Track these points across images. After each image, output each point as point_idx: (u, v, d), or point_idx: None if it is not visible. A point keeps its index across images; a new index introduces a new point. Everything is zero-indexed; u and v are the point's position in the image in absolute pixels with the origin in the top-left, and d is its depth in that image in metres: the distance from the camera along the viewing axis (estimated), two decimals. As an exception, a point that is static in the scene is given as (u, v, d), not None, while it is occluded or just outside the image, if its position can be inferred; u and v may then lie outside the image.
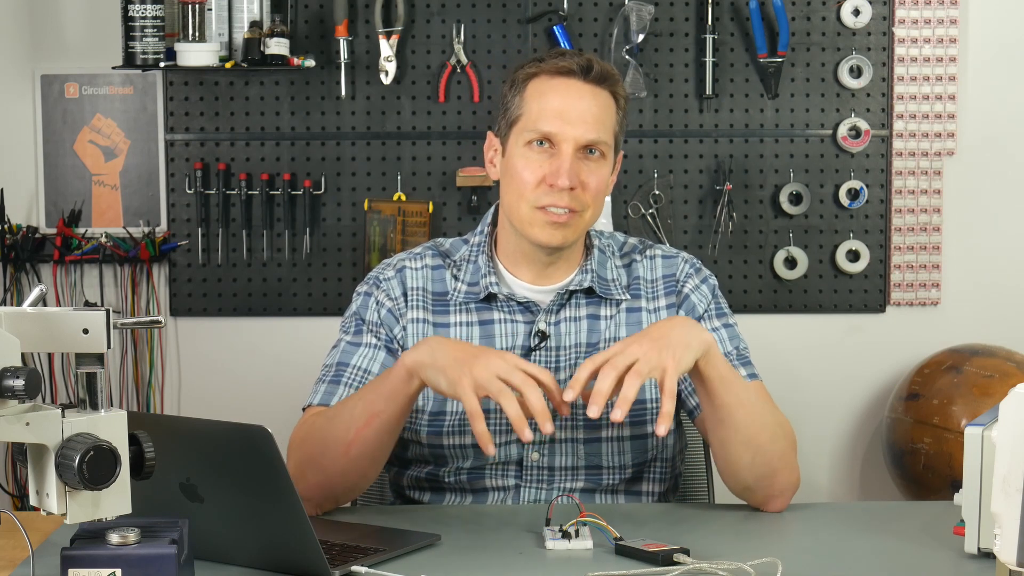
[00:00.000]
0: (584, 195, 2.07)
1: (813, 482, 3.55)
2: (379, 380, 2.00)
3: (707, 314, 2.18)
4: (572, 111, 2.06)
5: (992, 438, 1.50)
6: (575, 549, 1.82)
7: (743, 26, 3.46)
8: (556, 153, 2.06)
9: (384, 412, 1.97)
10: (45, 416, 1.45)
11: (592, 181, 2.07)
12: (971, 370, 3.29)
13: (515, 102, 2.11)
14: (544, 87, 2.08)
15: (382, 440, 2.00)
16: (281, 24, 3.34)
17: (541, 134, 2.06)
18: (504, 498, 2.13)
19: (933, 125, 3.50)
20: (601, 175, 2.09)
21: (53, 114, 3.48)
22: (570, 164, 2.05)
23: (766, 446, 2.01)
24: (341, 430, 1.98)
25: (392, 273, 2.19)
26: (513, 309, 2.15)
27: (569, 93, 2.07)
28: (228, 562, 1.74)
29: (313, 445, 2.01)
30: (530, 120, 2.08)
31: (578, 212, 2.07)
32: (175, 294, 3.50)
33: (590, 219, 2.11)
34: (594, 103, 2.07)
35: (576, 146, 2.06)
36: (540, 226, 2.08)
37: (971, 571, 1.74)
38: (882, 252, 3.52)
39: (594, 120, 2.06)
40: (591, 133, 2.06)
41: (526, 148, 2.08)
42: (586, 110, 2.06)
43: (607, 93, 2.09)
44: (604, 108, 2.09)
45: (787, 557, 1.71)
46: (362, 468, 2.01)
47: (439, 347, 1.92)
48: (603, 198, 2.12)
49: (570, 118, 2.05)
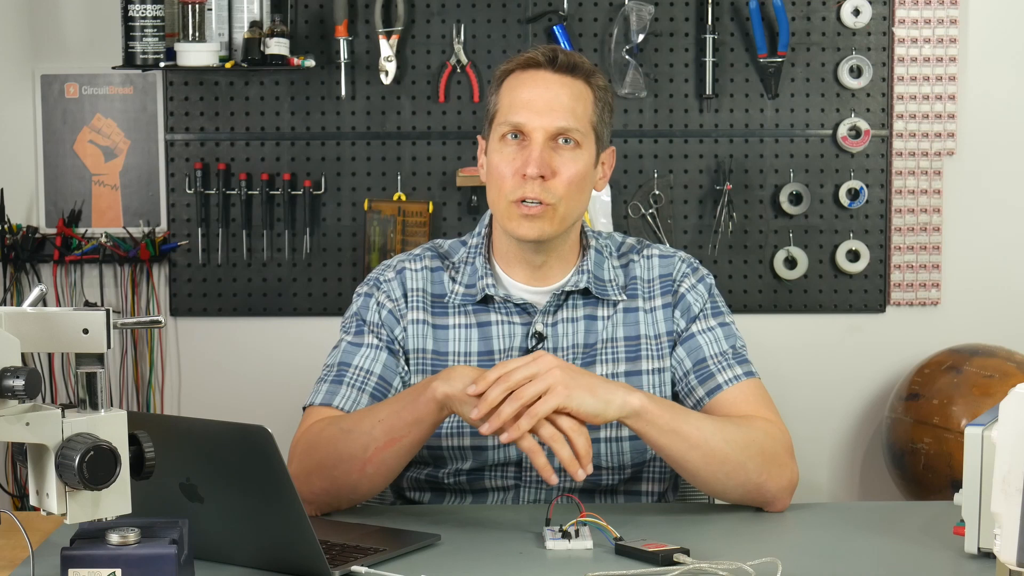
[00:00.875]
0: (556, 185, 2.06)
1: (813, 482, 3.55)
2: (403, 404, 1.98)
3: (703, 313, 2.18)
4: (539, 100, 2.07)
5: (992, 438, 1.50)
6: (575, 549, 1.82)
7: (743, 26, 3.46)
8: (527, 145, 2.07)
9: (407, 437, 1.97)
10: (45, 416, 1.45)
11: (565, 170, 2.06)
12: (971, 370, 3.29)
13: (492, 100, 2.13)
14: (515, 81, 2.10)
15: (400, 461, 2.00)
16: (281, 24, 3.34)
17: (512, 126, 2.07)
18: (504, 499, 2.13)
19: (933, 125, 3.50)
20: (576, 166, 2.08)
21: (53, 114, 3.48)
22: (539, 153, 2.05)
23: (736, 471, 2.00)
24: (358, 447, 1.98)
25: (392, 274, 2.19)
26: (510, 311, 2.15)
27: (537, 84, 2.08)
28: (228, 562, 1.74)
29: (324, 454, 2.00)
30: (502, 114, 2.10)
31: (552, 205, 2.06)
32: (175, 294, 3.50)
33: (567, 211, 2.09)
34: (563, 92, 2.08)
35: (546, 135, 2.06)
36: (517, 220, 2.08)
37: (971, 571, 1.74)
38: (882, 252, 3.52)
39: (563, 108, 2.07)
40: (559, 121, 2.06)
41: (501, 143, 2.09)
42: (554, 99, 2.07)
43: (581, 83, 2.09)
44: (576, 97, 2.08)
45: (787, 557, 1.71)
46: (375, 484, 2.01)
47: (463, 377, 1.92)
48: (582, 190, 2.10)
49: (537, 107, 2.06)
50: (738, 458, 2.00)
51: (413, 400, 1.96)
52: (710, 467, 1.99)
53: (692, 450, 1.97)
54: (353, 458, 1.97)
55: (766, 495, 2.03)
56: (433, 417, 1.95)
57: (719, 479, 2.00)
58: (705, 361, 2.14)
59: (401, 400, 2.00)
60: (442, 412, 1.94)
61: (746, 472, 2.00)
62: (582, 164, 2.09)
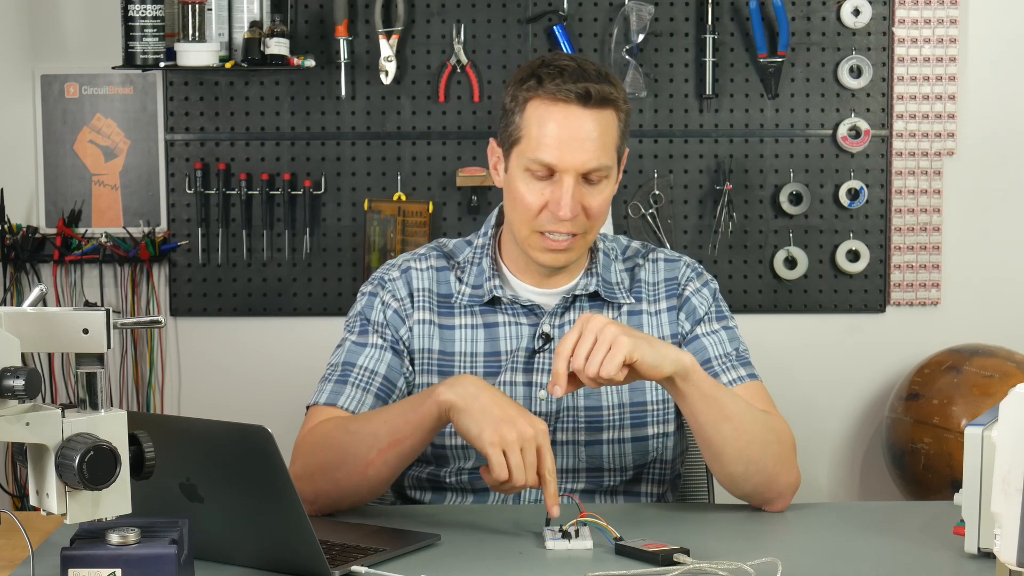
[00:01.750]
0: (586, 220, 2.07)
1: (813, 482, 3.55)
2: (407, 407, 1.98)
3: (707, 316, 2.19)
4: (572, 140, 2.02)
5: (992, 438, 1.50)
6: (575, 549, 1.82)
7: (743, 26, 3.46)
8: (557, 181, 2.04)
9: (408, 440, 1.96)
10: (45, 416, 1.45)
11: (594, 204, 2.07)
12: (971, 370, 3.29)
13: (515, 121, 2.07)
14: (543, 113, 2.04)
15: (402, 464, 2.00)
16: (281, 24, 3.34)
17: (542, 164, 2.04)
18: (505, 498, 2.13)
19: (933, 125, 3.50)
20: (604, 196, 2.08)
21: (53, 114, 3.48)
22: (571, 194, 2.03)
23: (758, 455, 2.00)
24: (362, 449, 1.97)
25: (397, 274, 2.19)
26: (517, 312, 2.15)
27: (569, 122, 2.02)
28: (228, 562, 1.74)
29: (328, 455, 2.00)
30: (530, 147, 2.04)
31: (580, 235, 2.08)
32: (175, 294, 3.50)
33: (593, 237, 2.12)
34: (595, 128, 2.03)
35: (577, 176, 2.04)
36: (540, 251, 2.08)
37: (971, 571, 1.74)
38: (882, 252, 3.52)
39: (594, 147, 2.03)
40: (592, 162, 2.03)
41: (527, 174, 2.05)
42: (586, 138, 2.02)
43: (609, 112, 2.05)
44: (605, 130, 2.04)
45: (787, 557, 1.71)
46: (376, 486, 2.01)
47: (477, 395, 1.90)
48: (606, 213, 2.11)
49: (570, 148, 2.02)
50: (764, 439, 2.00)
51: (419, 404, 1.96)
52: (738, 443, 1.98)
53: (726, 421, 1.97)
54: (357, 459, 1.97)
55: (774, 490, 2.03)
56: (432, 423, 1.94)
57: (741, 459, 1.99)
58: (710, 362, 2.14)
59: (408, 404, 2.00)
60: (441, 420, 1.94)
61: (766, 459, 2.00)
62: (608, 191, 2.09)
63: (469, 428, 1.88)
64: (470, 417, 1.88)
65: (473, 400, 1.89)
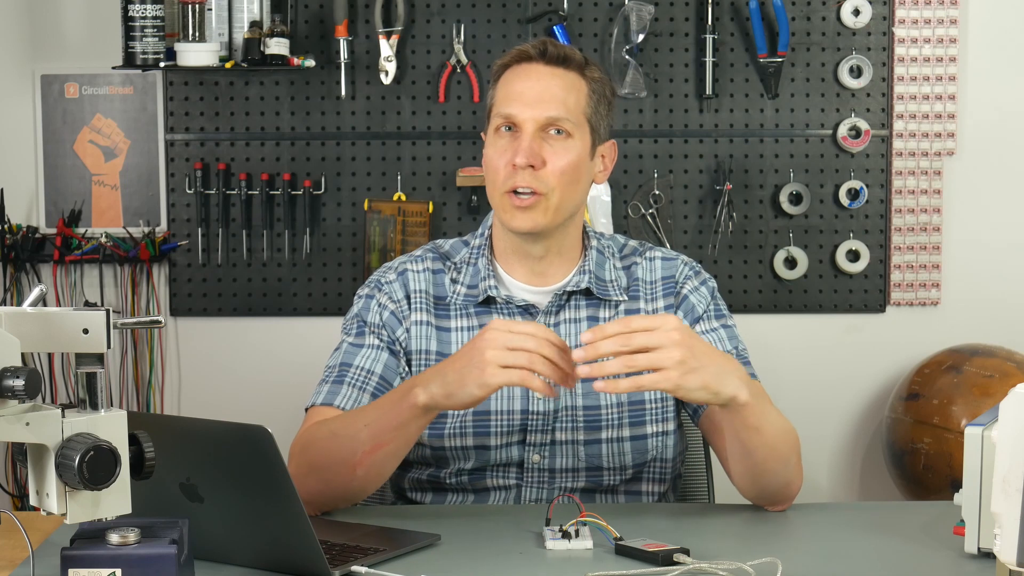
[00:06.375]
0: (547, 175, 2.06)
1: (813, 482, 3.55)
2: (387, 409, 1.97)
3: (706, 315, 2.18)
4: (530, 92, 2.08)
5: (992, 438, 1.50)
6: (575, 549, 1.82)
7: (743, 26, 3.46)
8: (519, 135, 2.08)
9: (392, 443, 1.96)
10: (45, 416, 1.45)
11: (556, 160, 2.07)
12: (971, 370, 3.29)
13: (489, 95, 2.16)
14: (509, 75, 2.12)
15: (388, 464, 2.00)
16: (281, 24, 3.34)
17: (504, 118, 2.09)
18: (505, 498, 2.13)
19: (933, 125, 3.50)
20: (568, 156, 2.08)
21: (53, 114, 3.48)
22: (528, 142, 2.06)
23: (781, 468, 2.00)
24: (347, 451, 1.97)
25: (394, 276, 2.19)
26: (512, 312, 2.15)
27: (529, 76, 2.10)
28: (228, 562, 1.74)
29: (315, 456, 2.00)
30: (496, 107, 2.12)
31: (544, 194, 2.07)
32: (175, 294, 3.50)
33: (561, 201, 2.08)
34: (554, 83, 2.09)
35: (536, 125, 2.07)
36: (510, 211, 2.09)
37: (971, 571, 1.74)
38: (882, 252, 3.52)
39: (553, 99, 2.08)
40: (549, 111, 2.07)
41: (495, 135, 2.11)
42: (544, 90, 2.08)
43: (573, 74, 2.10)
44: (567, 88, 2.09)
45: (787, 557, 1.71)
46: (366, 486, 2.01)
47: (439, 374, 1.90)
48: (576, 181, 2.10)
49: (528, 99, 2.08)
50: (787, 455, 2.00)
51: (395, 405, 1.95)
52: (767, 463, 1.98)
53: (761, 448, 1.96)
54: (343, 462, 1.98)
55: (786, 494, 2.03)
56: (417, 422, 1.94)
57: (767, 472, 1.99)
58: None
59: (384, 405, 1.99)
60: (427, 415, 1.94)
61: (787, 471, 2.01)
62: (574, 154, 2.09)
63: (464, 399, 1.87)
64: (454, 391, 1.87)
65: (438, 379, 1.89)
